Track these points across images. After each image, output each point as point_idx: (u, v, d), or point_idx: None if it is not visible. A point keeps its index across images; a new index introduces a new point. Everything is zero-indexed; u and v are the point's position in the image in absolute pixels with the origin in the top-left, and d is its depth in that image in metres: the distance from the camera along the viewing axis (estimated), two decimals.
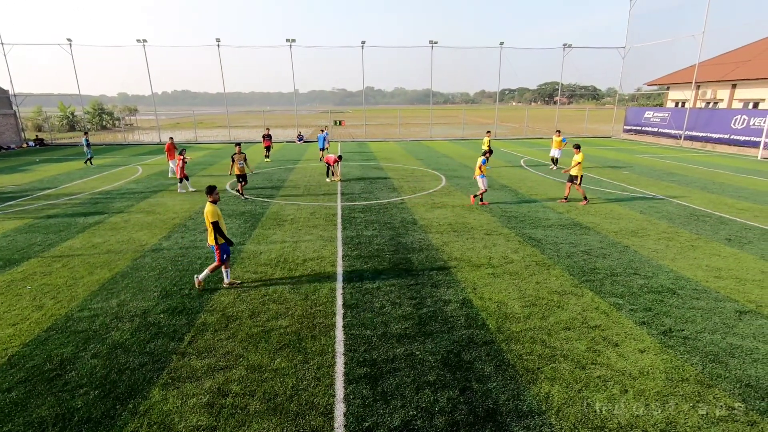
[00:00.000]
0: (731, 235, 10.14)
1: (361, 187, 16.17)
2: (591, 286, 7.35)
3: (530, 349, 5.50)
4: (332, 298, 6.95)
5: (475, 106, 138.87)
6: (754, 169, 20.32)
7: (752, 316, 6.33)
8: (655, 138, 34.12)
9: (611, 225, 11.00)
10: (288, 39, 33.67)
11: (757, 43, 34.50)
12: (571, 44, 37.27)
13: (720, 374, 4.98)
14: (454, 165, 21.72)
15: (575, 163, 13.06)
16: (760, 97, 29.50)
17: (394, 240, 9.84)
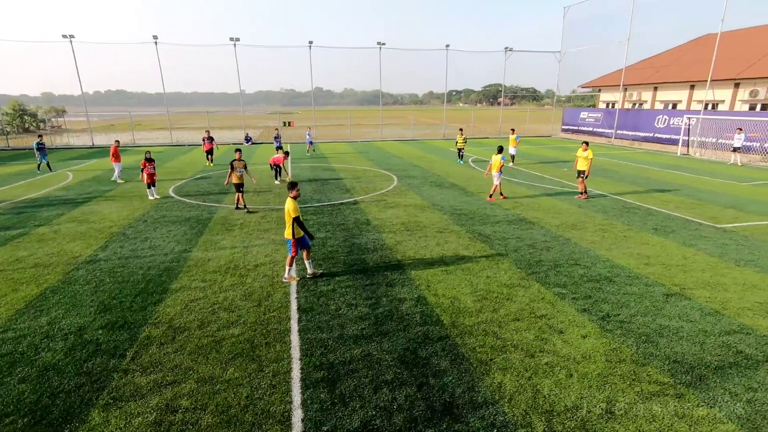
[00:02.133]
0: (657, 225, 11.08)
1: (313, 188, 15.97)
2: (537, 278, 7.74)
3: (483, 342, 5.69)
4: (286, 303, 6.80)
5: (424, 107, 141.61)
6: (674, 164, 22.33)
7: (677, 299, 6.95)
8: (589, 137, 36.48)
9: (553, 219, 11.64)
10: (232, 38, 32.56)
11: (674, 49, 37.98)
12: (512, 48, 39.04)
13: (652, 353, 5.43)
14: (405, 165, 22.02)
15: (586, 159, 13.98)
16: (678, 99, 32.48)
17: (348, 241, 9.80)
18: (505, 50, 39.12)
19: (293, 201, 7.20)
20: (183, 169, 20.92)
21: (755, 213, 12.38)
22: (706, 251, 9.14)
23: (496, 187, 14.03)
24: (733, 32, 31.84)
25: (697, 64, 31.05)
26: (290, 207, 7.14)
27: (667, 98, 33.55)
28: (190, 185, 16.78)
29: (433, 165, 22.07)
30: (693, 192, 15.33)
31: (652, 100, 34.84)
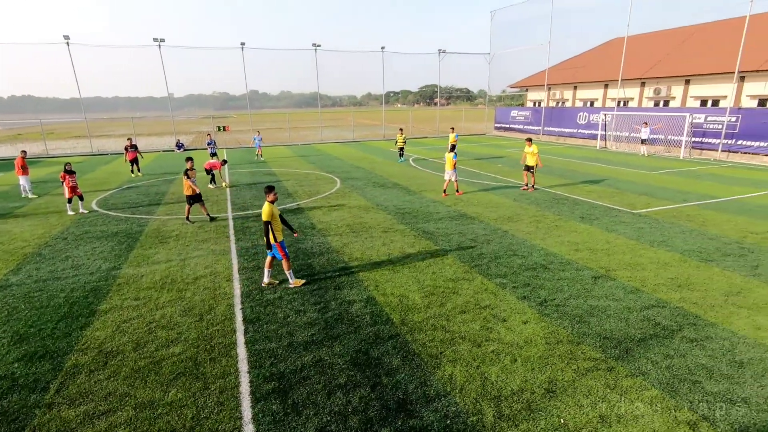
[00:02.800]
0: (584, 214, 11.99)
1: (253, 194, 15.45)
2: (479, 270, 8.07)
3: (432, 336, 5.83)
4: (231, 315, 6.52)
5: (363, 109, 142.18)
6: (595, 157, 24.32)
7: (604, 280, 7.57)
8: (520, 134, 38.68)
9: (491, 213, 12.20)
10: (156, 38, 30.59)
11: (589, 51, 41.31)
12: (445, 50, 40.36)
13: (585, 332, 5.87)
14: (347, 167, 21.99)
15: (533, 154, 14.86)
16: (595, 97, 35.39)
17: (293, 246, 9.60)
18: (439, 52, 40.36)
19: (270, 205, 7.00)
20: (107, 180, 19.33)
21: (664, 198, 13.81)
22: (625, 235, 10.05)
23: (448, 183, 14.61)
24: (638, 36, 35.26)
25: (609, 65, 34.00)
26: (264, 210, 6.97)
27: (585, 96, 36.44)
28: (117, 197, 15.54)
29: (375, 166, 22.24)
30: (612, 182, 16.78)
31: (573, 98, 37.66)
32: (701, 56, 28.22)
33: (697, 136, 24.29)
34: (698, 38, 30.89)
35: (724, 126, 22.99)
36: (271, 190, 7.19)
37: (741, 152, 22.49)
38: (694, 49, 29.93)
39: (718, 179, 17.18)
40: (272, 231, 7.01)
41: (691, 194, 14.38)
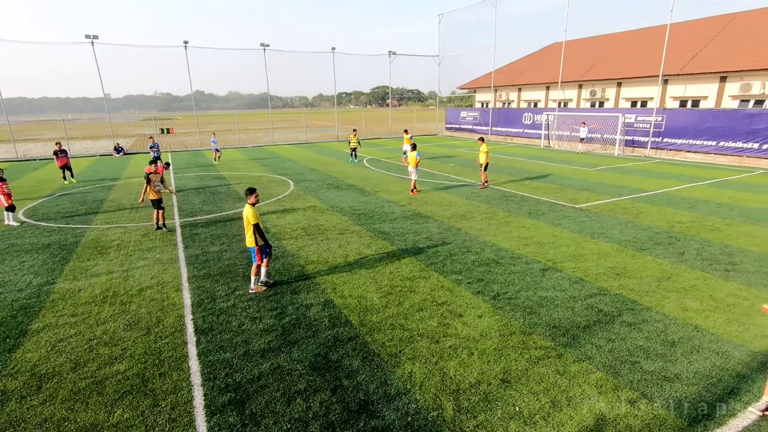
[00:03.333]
0: (531, 210, 12.57)
1: (202, 199, 14.82)
2: (435, 268, 8.23)
3: (391, 336, 5.87)
4: (181, 327, 6.22)
5: (315, 110, 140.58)
6: (540, 156, 25.57)
7: (551, 272, 7.97)
8: (470, 134, 39.87)
9: (445, 212, 12.49)
10: (89, 35, 28.54)
11: (532, 55, 43.37)
12: (395, 51, 40.79)
13: (535, 322, 6.15)
14: (300, 169, 21.66)
15: (484, 153, 15.48)
16: (538, 98, 37.20)
17: (246, 252, 9.31)
18: (389, 53, 40.73)
19: (252, 207, 6.95)
20: (37, 188, 17.77)
21: (602, 193, 14.78)
22: (569, 228, 10.65)
23: (413, 181, 15.07)
24: (575, 41, 37.46)
25: (549, 68, 35.87)
26: (249, 213, 6.86)
27: (529, 98, 38.21)
28: (48, 206, 14.34)
29: (329, 167, 22.07)
30: (555, 179, 17.72)
31: (518, 99, 39.37)
32: (631, 61, 30.48)
33: (629, 135, 26.22)
34: (628, 44, 33.33)
35: (651, 125, 24.98)
36: (252, 192, 7.13)
37: (667, 149, 24.53)
38: (624, 53, 32.26)
39: (648, 174, 18.63)
40: (257, 233, 6.93)
41: (625, 188, 15.49)
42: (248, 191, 7.16)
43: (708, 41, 27.06)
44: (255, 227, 6.89)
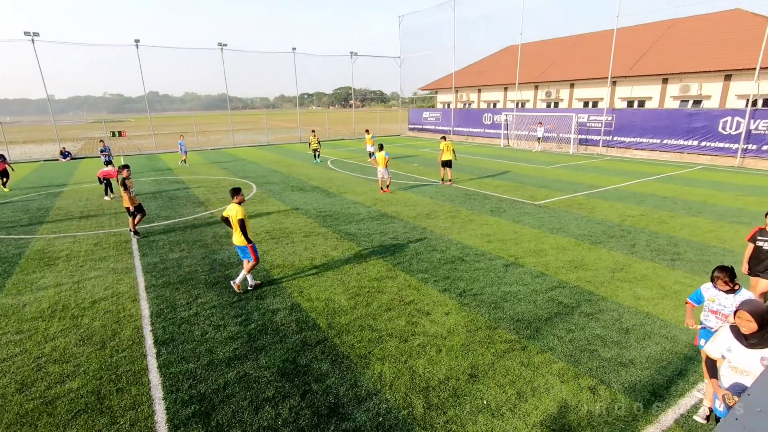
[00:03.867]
0: (493, 208, 12.92)
1: (159, 204, 14.20)
2: (402, 267, 8.29)
3: (360, 337, 5.86)
4: (139, 339, 5.93)
5: (277, 111, 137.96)
6: (500, 155, 26.33)
7: (514, 267, 8.23)
8: (433, 134, 40.45)
9: (410, 211, 12.61)
10: (28, 32, 26.68)
11: (490, 57, 44.56)
12: (357, 52, 40.76)
13: (500, 317, 6.33)
14: (263, 171, 21.21)
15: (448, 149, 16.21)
16: (497, 99, 38.27)
17: (208, 258, 9.02)
18: (351, 54, 40.65)
19: (238, 205, 7.10)
20: None
21: (559, 190, 15.40)
22: (529, 225, 11.02)
23: (385, 180, 15.30)
24: (530, 44, 38.82)
25: (507, 70, 37.00)
26: (238, 210, 7.02)
27: (488, 99, 39.24)
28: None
29: (293, 169, 21.75)
30: (515, 177, 18.30)
31: (478, 100, 40.34)
32: (582, 63, 31.95)
33: (583, 134, 27.48)
34: (579, 47, 34.91)
35: (602, 124, 26.29)
36: (238, 192, 7.27)
37: (617, 147, 25.90)
38: (576, 56, 33.77)
39: (600, 171, 19.60)
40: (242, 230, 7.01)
41: (580, 185, 16.22)
42: (234, 191, 7.26)
43: (650, 45, 28.81)
44: (240, 223, 6.96)
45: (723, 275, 4.17)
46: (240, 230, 7.00)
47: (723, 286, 4.21)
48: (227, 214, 7.17)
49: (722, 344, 3.37)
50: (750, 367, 3.15)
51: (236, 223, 7.01)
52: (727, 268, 4.20)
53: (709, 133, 21.73)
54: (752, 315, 3.13)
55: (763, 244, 5.93)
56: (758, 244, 5.97)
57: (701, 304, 4.49)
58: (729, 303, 4.21)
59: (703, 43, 25.74)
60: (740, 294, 4.19)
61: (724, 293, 4.25)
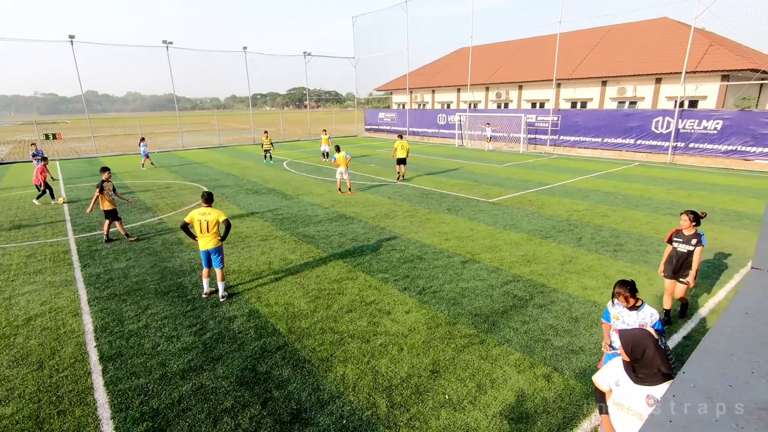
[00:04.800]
0: (449, 206, 13.21)
1: (101, 211, 13.30)
2: (362, 268, 8.29)
3: (321, 340, 5.80)
4: (82, 356, 5.54)
5: (228, 112, 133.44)
6: (454, 154, 26.97)
7: (470, 264, 8.46)
8: (389, 135, 40.75)
9: (369, 212, 12.63)
10: None
11: (443, 58, 45.52)
12: (311, 53, 40.26)
13: (459, 312, 6.48)
14: (215, 174, 20.46)
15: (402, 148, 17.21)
16: (450, 100, 39.17)
17: (158, 266, 8.58)
18: (304, 54, 40.11)
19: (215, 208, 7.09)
20: None
21: (511, 188, 16.01)
22: (484, 222, 11.37)
23: (345, 182, 15.36)
24: (481, 46, 40.07)
25: (459, 72, 37.97)
26: (220, 212, 6.99)
27: (443, 99, 40.09)
28: None
29: (247, 171, 21.14)
30: (470, 176, 18.82)
31: (432, 101, 41.09)
32: (529, 65, 33.39)
33: (532, 133, 28.73)
34: (526, 50, 36.45)
35: (549, 124, 27.62)
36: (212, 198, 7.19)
37: (563, 146, 27.29)
38: (523, 59, 35.24)
39: (548, 169, 20.58)
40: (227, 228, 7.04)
41: (530, 182, 16.95)
42: (209, 196, 7.11)
43: (590, 50, 30.61)
44: (227, 223, 6.96)
45: (623, 290, 3.86)
46: (226, 231, 7.04)
47: (624, 302, 3.91)
48: (201, 218, 6.86)
49: (612, 375, 2.89)
50: (633, 404, 2.67)
51: (218, 226, 6.95)
52: (627, 282, 3.90)
53: (643, 132, 23.40)
54: (623, 344, 2.70)
55: (678, 245, 5.79)
56: (674, 246, 5.85)
57: None
58: (632, 321, 3.87)
59: (637, 49, 27.71)
60: (643, 310, 3.88)
61: (627, 310, 3.93)
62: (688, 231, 5.74)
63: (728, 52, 23.25)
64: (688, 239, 5.72)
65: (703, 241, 5.65)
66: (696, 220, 5.68)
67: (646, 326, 3.71)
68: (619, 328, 3.76)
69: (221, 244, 7.07)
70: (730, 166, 20.44)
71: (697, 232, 5.70)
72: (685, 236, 5.76)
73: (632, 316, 3.91)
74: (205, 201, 7.06)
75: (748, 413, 1.38)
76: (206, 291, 7.19)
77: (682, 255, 5.79)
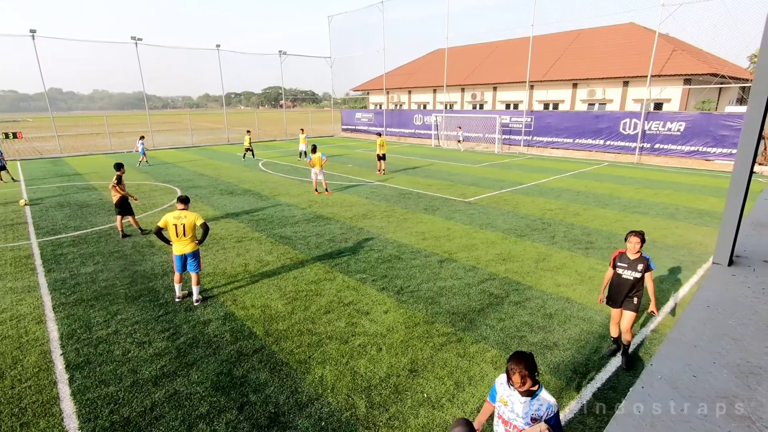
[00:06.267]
0: (426, 206, 13.31)
1: (67, 213, 12.78)
2: (340, 269, 8.25)
3: (299, 342, 5.74)
4: (47, 365, 5.30)
5: (201, 111, 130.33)
6: (431, 154, 27.19)
7: (448, 263, 8.54)
8: (366, 135, 40.73)
9: (346, 212, 12.59)
10: None
11: (420, 59, 45.84)
12: (286, 51, 39.81)
13: (437, 311, 6.54)
14: (188, 175, 19.97)
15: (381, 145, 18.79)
16: (426, 101, 39.50)
17: (128, 270, 8.30)
18: (280, 53, 39.62)
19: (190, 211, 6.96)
20: None
21: (486, 187, 16.27)
22: (461, 221, 11.51)
23: (321, 182, 15.31)
24: (456, 48, 40.54)
25: (435, 73, 38.32)
26: (197, 214, 6.88)
27: (419, 100, 40.37)
28: None
29: (222, 172, 20.72)
30: (446, 176, 19.02)
31: (408, 101, 41.32)
32: (503, 68, 34.02)
33: (506, 134, 29.28)
34: (500, 52, 37.12)
35: (523, 125, 28.21)
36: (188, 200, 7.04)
37: (536, 146, 27.93)
38: (497, 61, 35.88)
39: (522, 169, 21.02)
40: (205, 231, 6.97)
41: (505, 182, 17.27)
42: (184, 199, 6.96)
43: (562, 53, 31.44)
44: (205, 226, 6.89)
45: (519, 368, 2.71)
46: (204, 234, 6.97)
47: (519, 383, 2.74)
48: (176, 222, 6.68)
49: None
50: None
51: (195, 229, 6.85)
52: (525, 356, 2.77)
53: (612, 133, 24.20)
54: None
55: (623, 272, 5.11)
56: (618, 271, 5.16)
57: None
58: (521, 411, 2.81)
59: (605, 52, 28.64)
60: (537, 399, 2.79)
61: (519, 394, 2.82)
62: (633, 255, 5.04)
63: (690, 57, 24.34)
64: (633, 264, 5.03)
65: (651, 265, 5.00)
66: (643, 241, 5.04)
67: (540, 421, 2.77)
68: (506, 417, 2.90)
69: (198, 247, 6.94)
70: (692, 166, 21.39)
71: (642, 256, 5.04)
72: (630, 261, 5.05)
73: (523, 404, 2.81)
74: (182, 203, 6.89)
75: None
76: (179, 295, 7.01)
77: (627, 283, 5.09)
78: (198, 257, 6.96)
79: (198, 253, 6.95)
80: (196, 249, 6.90)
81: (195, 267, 6.89)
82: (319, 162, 14.86)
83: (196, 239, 6.91)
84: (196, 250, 6.89)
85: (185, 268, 6.89)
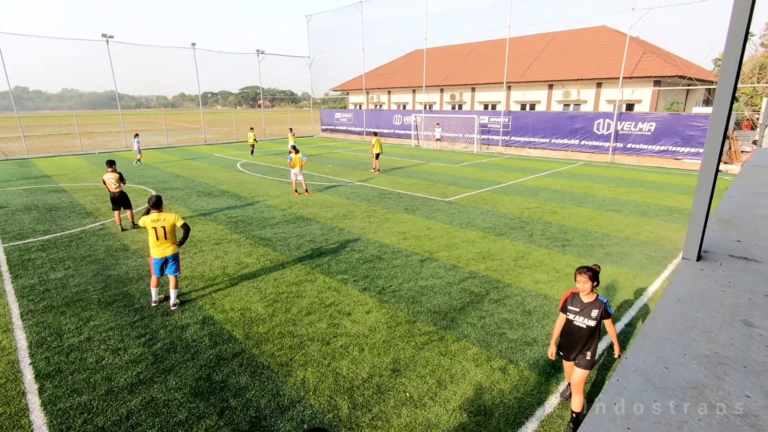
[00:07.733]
0: (407, 206, 13.37)
1: (34, 217, 12.29)
2: (321, 270, 8.20)
3: (280, 345, 5.68)
4: (15, 375, 5.09)
5: (177, 110, 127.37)
6: (411, 154, 27.32)
7: (429, 262, 8.60)
8: (345, 135, 40.61)
9: (327, 213, 12.52)
10: None
11: (399, 60, 46.00)
12: (264, 51, 39.32)
13: (418, 311, 6.57)
14: (164, 176, 19.49)
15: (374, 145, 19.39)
16: (406, 101, 39.66)
17: (101, 274, 8.05)
18: (257, 52, 39.11)
19: None
20: None
21: (466, 187, 16.45)
22: (441, 221, 11.61)
23: (300, 183, 15.28)
24: (435, 48, 40.86)
25: (414, 73, 38.51)
26: (175, 215, 6.74)
27: (398, 100, 40.50)
28: None
29: (199, 173, 20.30)
30: (426, 175, 19.14)
31: (388, 101, 41.41)
32: (481, 69, 34.46)
33: (485, 134, 29.67)
34: (478, 53, 37.59)
35: (501, 126, 28.64)
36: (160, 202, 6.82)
37: (514, 146, 28.40)
38: (475, 62, 36.31)
39: (501, 168, 21.34)
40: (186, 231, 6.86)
41: (484, 182, 17.49)
42: (157, 201, 6.72)
43: (537, 55, 32.07)
44: (186, 227, 6.78)
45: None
46: (185, 235, 6.82)
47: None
48: (155, 225, 6.52)
49: None
50: None
51: (175, 230, 6.71)
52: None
53: (587, 133, 24.82)
54: None
55: (575, 318, 4.12)
56: (569, 317, 4.18)
57: None
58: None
59: (579, 54, 29.35)
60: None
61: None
62: (586, 297, 4.06)
63: (659, 60, 25.20)
64: (587, 310, 4.04)
65: (609, 310, 4.05)
66: (595, 278, 3.99)
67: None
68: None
69: (179, 249, 6.81)
70: (663, 165, 22.14)
71: (598, 299, 4.05)
72: (584, 304, 4.07)
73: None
74: (154, 206, 6.70)
75: None
76: (155, 299, 6.84)
77: (580, 332, 4.10)
78: (178, 259, 6.82)
79: (178, 256, 6.83)
80: (177, 251, 6.76)
81: (175, 270, 6.73)
82: (299, 162, 14.76)
83: (177, 241, 6.75)
84: (177, 252, 6.75)
85: (164, 271, 6.72)
